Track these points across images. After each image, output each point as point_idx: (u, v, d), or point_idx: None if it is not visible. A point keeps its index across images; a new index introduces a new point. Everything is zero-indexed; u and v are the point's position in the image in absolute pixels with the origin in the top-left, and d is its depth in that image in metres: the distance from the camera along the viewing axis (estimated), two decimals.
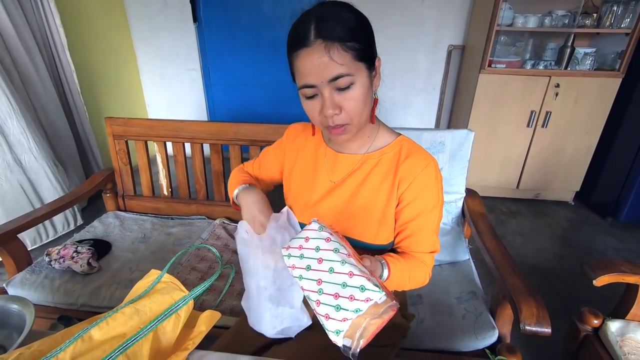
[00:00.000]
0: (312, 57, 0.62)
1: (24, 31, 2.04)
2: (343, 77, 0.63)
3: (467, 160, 1.39)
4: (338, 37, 0.61)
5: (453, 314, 1.12)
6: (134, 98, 3.35)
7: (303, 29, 0.63)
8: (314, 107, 0.68)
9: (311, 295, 0.56)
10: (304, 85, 0.66)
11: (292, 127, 0.92)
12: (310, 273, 0.56)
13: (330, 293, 0.53)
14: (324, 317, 0.53)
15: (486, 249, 1.13)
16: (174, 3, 3.03)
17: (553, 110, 2.40)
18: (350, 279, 0.53)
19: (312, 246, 0.58)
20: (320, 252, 0.57)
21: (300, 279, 0.57)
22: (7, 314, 0.75)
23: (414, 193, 0.74)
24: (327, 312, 0.53)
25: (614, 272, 1.02)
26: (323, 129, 0.72)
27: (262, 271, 0.71)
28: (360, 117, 0.69)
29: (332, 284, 0.54)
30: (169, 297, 0.62)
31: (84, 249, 1.32)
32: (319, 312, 0.54)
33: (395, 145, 0.78)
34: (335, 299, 0.53)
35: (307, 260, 0.58)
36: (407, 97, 3.11)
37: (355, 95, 0.65)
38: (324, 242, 0.58)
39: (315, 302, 0.55)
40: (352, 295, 0.52)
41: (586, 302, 1.74)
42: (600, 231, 2.39)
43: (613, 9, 2.23)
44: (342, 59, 0.62)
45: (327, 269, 0.55)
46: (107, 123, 1.63)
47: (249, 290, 0.77)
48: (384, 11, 2.80)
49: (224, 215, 1.69)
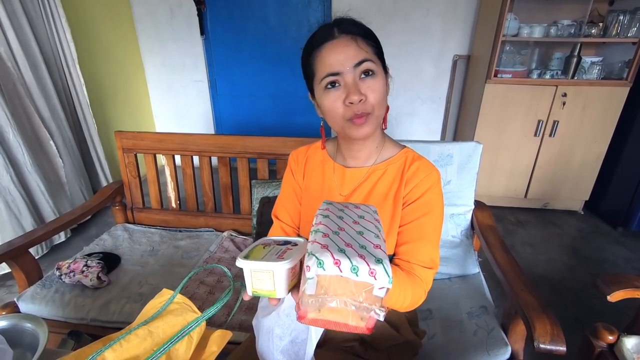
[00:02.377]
0: (338, 46, 0.67)
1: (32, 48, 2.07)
2: (368, 62, 0.67)
3: (476, 173, 1.39)
4: (360, 33, 0.68)
5: (464, 330, 1.11)
6: (141, 109, 3.40)
7: (325, 31, 0.69)
8: (337, 97, 0.68)
9: (320, 228, 0.50)
10: (328, 73, 0.68)
11: (294, 153, 0.92)
12: (336, 222, 0.51)
13: (344, 239, 0.47)
14: (319, 245, 0.46)
15: (497, 262, 1.12)
16: (182, 15, 3.08)
17: (561, 120, 2.39)
18: (375, 249, 0.46)
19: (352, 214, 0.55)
20: (359, 219, 0.53)
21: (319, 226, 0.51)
22: (21, 333, 0.76)
23: (418, 194, 0.76)
24: (327, 243, 0.46)
25: (629, 287, 1.00)
26: (344, 123, 0.71)
27: (283, 319, 0.68)
28: (380, 109, 0.71)
29: (351, 236, 0.48)
30: (182, 319, 0.62)
31: (94, 262, 1.33)
32: (316, 239, 0.47)
33: (401, 156, 0.80)
34: (345, 245, 0.45)
35: (342, 219, 0.53)
36: (413, 106, 3.11)
37: (377, 85, 0.68)
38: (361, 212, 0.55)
39: (321, 234, 0.48)
40: (364, 256, 0.44)
41: (598, 315, 1.72)
42: (611, 241, 2.36)
43: (619, 18, 2.22)
44: (367, 47, 0.68)
45: (356, 231, 0.50)
46: (117, 137, 1.65)
47: (261, 328, 0.72)
48: (389, 20, 2.83)
49: (232, 227, 1.69)
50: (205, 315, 0.62)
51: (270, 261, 0.53)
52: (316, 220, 0.54)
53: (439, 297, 1.26)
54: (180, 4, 3.03)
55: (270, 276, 0.53)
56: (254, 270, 0.54)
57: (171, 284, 1.32)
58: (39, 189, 2.11)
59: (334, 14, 2.81)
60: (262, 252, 0.57)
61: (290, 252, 0.56)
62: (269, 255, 0.56)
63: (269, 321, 0.68)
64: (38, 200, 2.13)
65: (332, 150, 0.86)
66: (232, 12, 3.03)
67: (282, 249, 0.59)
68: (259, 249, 0.59)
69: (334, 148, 0.86)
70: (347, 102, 0.67)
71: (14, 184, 1.96)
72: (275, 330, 0.67)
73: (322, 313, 0.44)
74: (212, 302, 1.23)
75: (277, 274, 0.53)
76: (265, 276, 0.54)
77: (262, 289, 0.55)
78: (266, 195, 1.50)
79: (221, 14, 3.05)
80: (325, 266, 0.43)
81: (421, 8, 2.77)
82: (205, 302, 1.24)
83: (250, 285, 0.56)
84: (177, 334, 0.60)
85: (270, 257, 0.55)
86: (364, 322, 0.45)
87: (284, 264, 0.52)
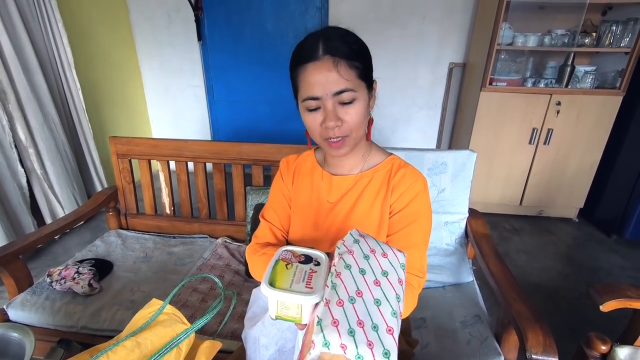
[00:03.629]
0: (321, 70, 0.66)
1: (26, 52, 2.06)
2: (347, 92, 0.67)
3: (470, 181, 1.39)
4: (344, 54, 0.66)
5: (457, 339, 1.11)
6: (138, 114, 3.39)
7: (311, 46, 0.67)
8: (315, 119, 0.70)
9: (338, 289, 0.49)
10: (309, 97, 0.68)
11: (284, 160, 0.93)
12: (355, 280, 0.51)
13: (358, 313, 0.47)
14: (331, 318, 0.46)
15: (490, 272, 1.12)
16: (179, 21, 3.09)
17: (555, 128, 2.41)
18: (386, 335, 0.45)
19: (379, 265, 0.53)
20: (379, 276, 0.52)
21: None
22: (7, 342, 0.75)
23: (405, 202, 0.77)
24: (339, 319, 0.46)
25: (621, 297, 1.00)
26: (322, 142, 0.74)
27: (269, 328, 0.68)
28: (358, 131, 0.72)
29: (366, 308, 0.47)
30: (171, 330, 0.61)
31: (86, 269, 1.32)
32: (330, 305, 0.47)
33: (387, 163, 0.81)
34: (356, 324, 0.45)
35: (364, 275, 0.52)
36: (409, 112, 3.13)
37: (356, 110, 0.69)
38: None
39: (336, 299, 0.48)
40: (373, 344, 0.44)
41: (592, 323, 1.72)
42: (605, 249, 2.37)
43: (612, 28, 2.25)
44: (348, 74, 0.66)
45: (375, 298, 0.49)
46: (112, 142, 1.64)
47: (248, 339, 0.72)
48: (386, 26, 2.84)
49: (225, 234, 1.68)
50: (194, 327, 0.61)
51: (298, 293, 0.52)
52: (337, 264, 0.53)
53: (433, 305, 1.26)
54: (178, 10, 3.04)
55: (297, 307, 0.53)
56: (282, 301, 0.53)
57: (164, 290, 1.31)
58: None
59: (330, 21, 2.84)
60: (287, 275, 0.55)
61: (315, 278, 0.55)
62: (295, 281, 0.54)
63: (255, 331, 0.68)
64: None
65: (320, 158, 0.88)
66: (229, 18, 3.04)
67: (306, 271, 0.57)
68: (282, 269, 0.57)
69: (322, 156, 0.88)
70: (324, 126, 0.69)
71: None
72: (262, 340, 0.67)
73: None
74: (204, 310, 1.22)
75: (306, 306, 0.53)
76: (293, 306, 0.53)
77: (287, 315, 0.54)
78: (260, 202, 1.50)
79: (218, 20, 3.06)
80: (331, 347, 0.43)
81: (418, 15, 2.79)
82: (197, 310, 1.22)
83: (275, 310, 0.55)
84: (165, 345, 0.59)
85: (297, 286, 0.53)
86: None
87: (313, 298, 0.51)
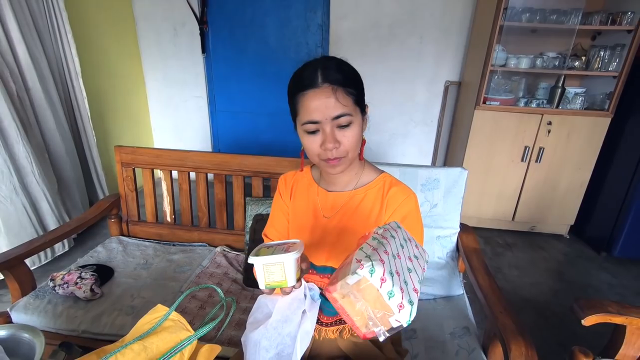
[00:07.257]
0: (320, 96, 0.72)
1: (41, 61, 2.14)
2: (345, 116, 0.73)
3: (461, 197, 1.45)
4: (341, 82, 0.73)
5: (446, 350, 1.15)
6: (141, 123, 3.45)
7: (310, 74, 0.74)
8: (314, 142, 0.76)
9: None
10: (308, 121, 0.74)
11: (282, 177, 0.98)
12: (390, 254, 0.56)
13: (397, 266, 0.53)
14: (378, 257, 0.51)
15: (479, 285, 1.17)
16: (184, 34, 3.18)
17: (546, 147, 2.48)
18: (413, 292, 0.52)
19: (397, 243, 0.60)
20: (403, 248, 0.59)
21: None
22: (18, 343, 0.79)
23: (398, 218, 0.81)
24: (385, 260, 0.51)
25: (602, 312, 1.05)
26: (320, 161, 0.80)
27: (271, 332, 0.71)
28: (354, 152, 0.79)
29: (402, 268, 0.54)
30: (176, 336, 0.65)
31: (88, 274, 1.35)
32: (379, 250, 0.52)
33: (379, 181, 0.87)
34: (395, 272, 0.51)
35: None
36: (406, 128, 3.21)
37: (352, 132, 0.76)
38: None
39: (383, 249, 0.53)
40: (403, 290, 0.49)
41: (581, 339, 1.76)
42: (594, 266, 2.42)
43: (600, 53, 2.35)
44: (345, 100, 0.73)
45: (407, 267, 0.56)
46: (117, 151, 1.70)
47: (249, 342, 0.75)
48: (385, 45, 2.94)
49: (224, 243, 1.73)
50: (197, 334, 0.66)
51: (279, 255, 0.62)
52: (384, 232, 0.60)
53: (423, 317, 1.30)
54: (184, 23, 3.13)
55: (281, 267, 0.62)
56: (266, 264, 0.63)
57: (163, 297, 1.34)
58: (44, 196, 2.14)
59: (331, 38, 2.93)
60: (268, 252, 0.66)
61: (292, 248, 0.66)
62: (275, 253, 0.64)
63: (257, 334, 0.72)
64: (44, 209, 2.16)
65: (316, 176, 0.93)
66: (233, 32, 3.14)
67: (284, 247, 0.68)
68: (265, 250, 0.68)
69: (318, 174, 0.93)
70: (323, 147, 0.75)
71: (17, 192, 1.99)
72: (262, 342, 0.71)
73: (344, 300, 0.50)
74: (202, 316, 1.26)
75: (287, 264, 0.62)
76: (277, 268, 0.63)
77: (274, 280, 0.64)
78: (259, 213, 1.55)
79: (223, 34, 3.16)
80: (374, 276, 0.48)
81: (415, 35, 2.89)
82: (196, 317, 1.26)
83: (263, 279, 0.64)
84: (170, 350, 0.63)
85: (278, 252, 0.64)
86: (366, 329, 0.50)
87: (292, 254, 0.62)
